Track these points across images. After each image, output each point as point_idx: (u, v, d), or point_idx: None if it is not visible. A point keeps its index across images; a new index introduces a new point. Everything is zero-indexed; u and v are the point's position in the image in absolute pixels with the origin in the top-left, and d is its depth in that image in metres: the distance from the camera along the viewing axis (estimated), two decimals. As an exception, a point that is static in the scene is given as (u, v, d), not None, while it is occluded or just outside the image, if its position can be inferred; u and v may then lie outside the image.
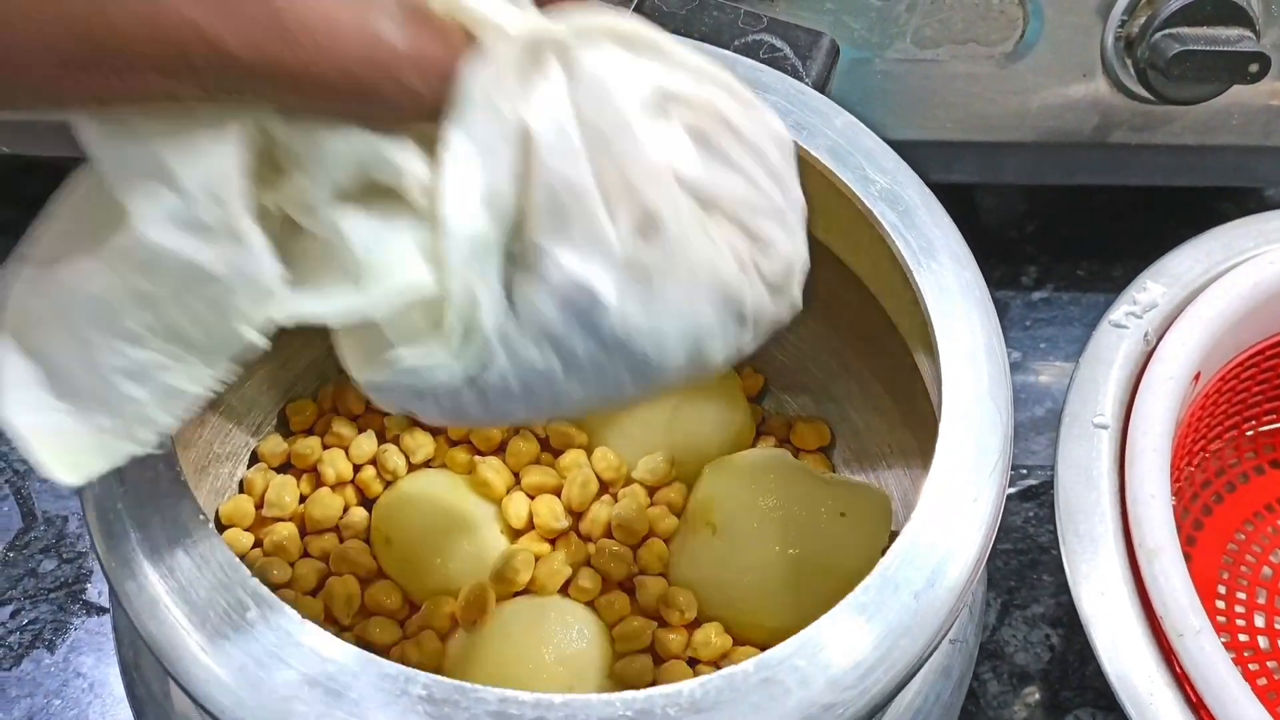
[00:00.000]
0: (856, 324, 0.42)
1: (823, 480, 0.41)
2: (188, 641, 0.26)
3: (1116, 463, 0.40)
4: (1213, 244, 0.45)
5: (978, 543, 0.29)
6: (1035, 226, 0.60)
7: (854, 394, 0.44)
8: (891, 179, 0.35)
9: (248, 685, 0.25)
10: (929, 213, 0.35)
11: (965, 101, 0.50)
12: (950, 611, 0.28)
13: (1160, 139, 0.51)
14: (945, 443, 0.30)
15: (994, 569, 0.48)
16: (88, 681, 0.44)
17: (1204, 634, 0.36)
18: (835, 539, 0.38)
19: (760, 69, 0.37)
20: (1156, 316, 0.43)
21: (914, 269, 0.33)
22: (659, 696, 0.25)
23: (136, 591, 0.27)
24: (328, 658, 0.26)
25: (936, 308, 0.33)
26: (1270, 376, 0.47)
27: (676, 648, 0.37)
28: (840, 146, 0.35)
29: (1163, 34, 0.46)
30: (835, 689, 0.26)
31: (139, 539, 0.28)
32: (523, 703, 0.25)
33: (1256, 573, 0.47)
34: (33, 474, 0.49)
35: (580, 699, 0.25)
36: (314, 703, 0.25)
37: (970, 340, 0.32)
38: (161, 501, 0.28)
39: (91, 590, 0.46)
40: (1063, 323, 0.57)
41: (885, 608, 0.27)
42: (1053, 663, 0.46)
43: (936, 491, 0.30)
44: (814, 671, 0.26)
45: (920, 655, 0.27)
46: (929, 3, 0.48)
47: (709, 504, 0.39)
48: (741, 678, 0.26)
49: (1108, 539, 0.39)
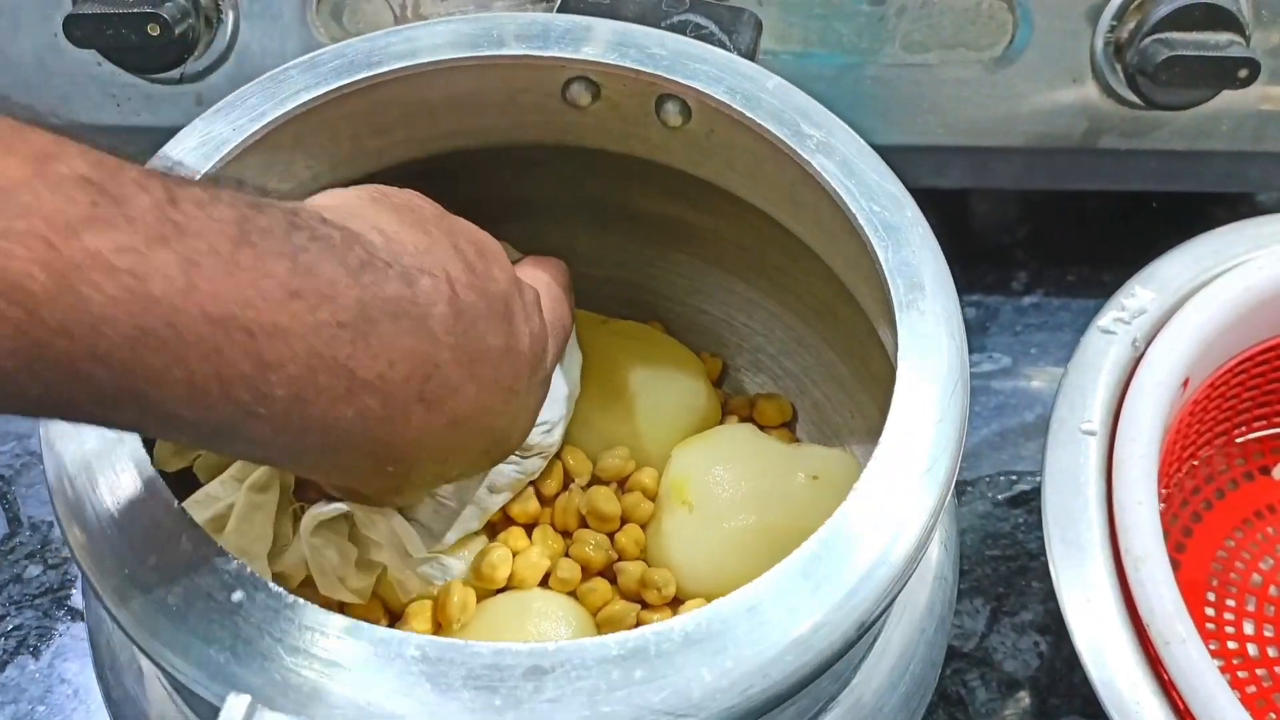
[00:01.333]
0: (806, 295, 0.43)
1: (790, 448, 0.41)
2: (170, 625, 0.26)
3: (1104, 469, 0.40)
4: (1202, 249, 0.45)
5: (920, 522, 0.29)
6: (1026, 232, 0.60)
7: (810, 367, 0.45)
8: (827, 133, 0.35)
9: (236, 661, 0.25)
10: (862, 159, 0.35)
11: (955, 107, 0.50)
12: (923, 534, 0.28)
13: (1150, 144, 0.51)
14: (900, 399, 0.30)
15: (982, 575, 0.48)
16: (72, 687, 0.44)
17: (1190, 642, 0.36)
18: (808, 502, 0.39)
19: (691, 43, 0.38)
20: (1145, 322, 0.43)
21: (859, 216, 0.34)
22: (651, 634, 0.26)
23: (109, 581, 0.27)
24: (316, 627, 0.26)
25: (883, 250, 0.33)
26: (1260, 382, 0.47)
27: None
28: (774, 107, 0.36)
29: (1152, 39, 0.46)
30: (823, 608, 0.27)
31: (118, 540, 0.27)
32: (518, 652, 0.25)
33: (1246, 579, 0.47)
34: (17, 479, 0.49)
35: (574, 644, 0.25)
36: (309, 673, 0.25)
37: (924, 280, 0.32)
38: (136, 503, 0.28)
39: (76, 597, 0.46)
40: (1053, 328, 0.57)
41: (866, 540, 0.28)
42: (1041, 670, 0.46)
43: (892, 442, 0.30)
44: (801, 600, 0.27)
45: (900, 581, 0.28)
46: (918, 7, 0.47)
47: (683, 483, 0.40)
48: (729, 609, 0.26)
49: (1094, 546, 0.39)
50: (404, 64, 0.36)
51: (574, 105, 0.38)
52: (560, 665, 0.25)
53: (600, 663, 0.25)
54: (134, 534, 0.27)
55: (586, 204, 0.44)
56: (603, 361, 0.43)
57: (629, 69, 0.37)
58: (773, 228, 0.39)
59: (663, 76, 0.36)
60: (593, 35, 0.37)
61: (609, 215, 0.45)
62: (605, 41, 0.37)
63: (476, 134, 0.40)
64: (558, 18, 0.38)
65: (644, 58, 0.37)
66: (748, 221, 0.40)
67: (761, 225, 0.40)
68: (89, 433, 0.29)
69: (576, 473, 0.42)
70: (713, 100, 0.36)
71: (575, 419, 0.41)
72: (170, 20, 0.44)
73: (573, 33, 0.37)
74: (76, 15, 0.44)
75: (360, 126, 0.38)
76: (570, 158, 0.41)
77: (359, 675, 0.25)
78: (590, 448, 0.42)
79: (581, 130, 0.40)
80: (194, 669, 0.25)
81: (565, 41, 0.37)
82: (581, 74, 0.37)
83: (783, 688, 0.26)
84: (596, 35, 0.37)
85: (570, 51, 0.37)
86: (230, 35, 0.48)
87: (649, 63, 0.37)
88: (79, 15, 0.44)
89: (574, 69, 0.37)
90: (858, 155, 0.35)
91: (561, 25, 0.38)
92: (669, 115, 0.38)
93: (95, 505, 0.28)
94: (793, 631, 0.26)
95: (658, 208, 0.44)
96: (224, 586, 0.26)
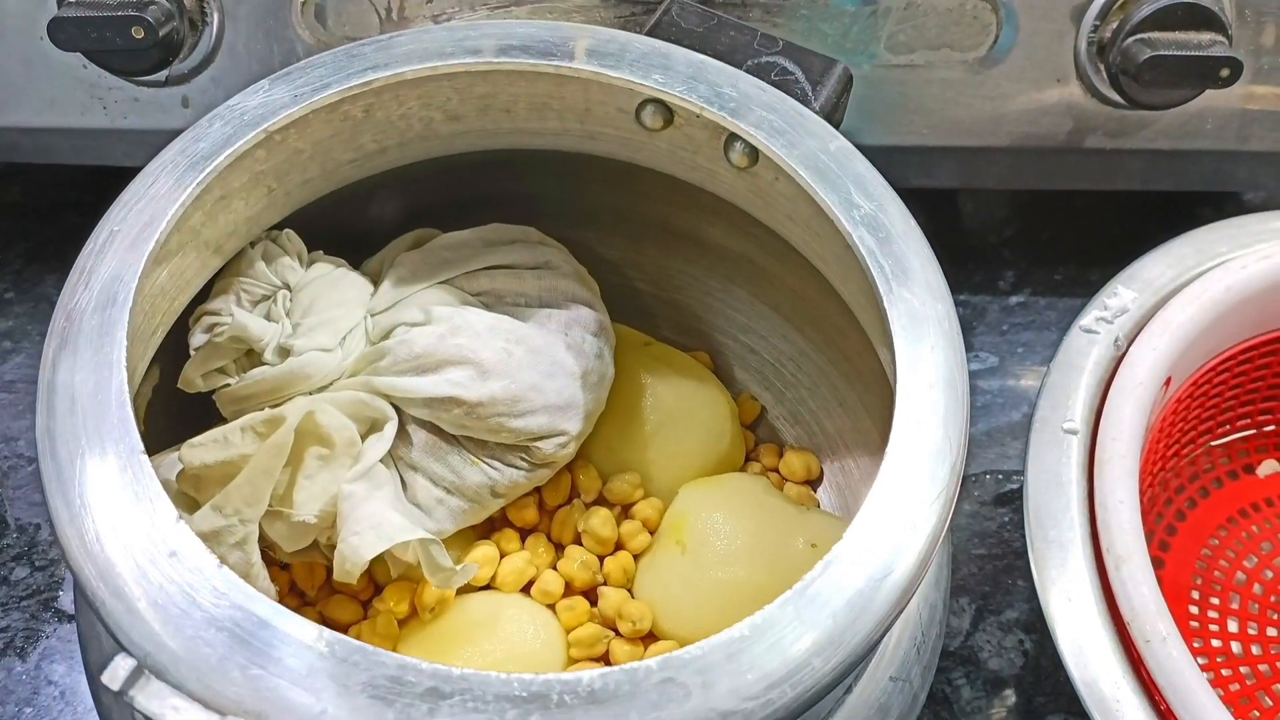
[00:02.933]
0: (858, 360, 0.41)
1: (797, 510, 0.40)
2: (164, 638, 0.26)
3: (1086, 469, 0.40)
4: (1185, 249, 0.45)
5: (908, 569, 0.28)
6: (1013, 231, 0.60)
7: (847, 430, 0.44)
8: (877, 206, 0.34)
9: (164, 621, 0.25)
10: (908, 241, 0.34)
11: (940, 107, 0.50)
12: (865, 641, 0.27)
13: (1135, 144, 0.51)
14: (886, 476, 0.29)
15: (968, 574, 0.48)
16: (59, 690, 0.44)
17: (1171, 640, 0.36)
18: (802, 569, 0.38)
19: (764, 89, 0.37)
20: (1127, 322, 0.43)
21: (884, 296, 0.33)
22: (557, 682, 0.25)
23: (98, 575, 0.27)
24: (237, 604, 0.26)
25: (901, 337, 0.32)
26: (1242, 381, 0.47)
27: (626, 660, 0.37)
28: (831, 171, 0.35)
29: (1134, 39, 0.46)
30: (736, 697, 0.26)
31: (106, 523, 0.27)
32: (421, 671, 0.25)
33: (1230, 578, 0.47)
34: (5, 481, 0.49)
35: (478, 675, 0.25)
36: (218, 645, 0.25)
37: (931, 374, 0.31)
38: (135, 498, 0.28)
39: (64, 598, 0.46)
40: (1040, 327, 0.57)
41: (801, 624, 0.27)
42: (1026, 668, 0.46)
43: (871, 520, 0.29)
44: (718, 677, 0.26)
45: (829, 675, 0.27)
46: (902, 9, 0.48)
47: (680, 523, 0.39)
48: (644, 674, 0.25)
49: (1076, 545, 0.39)
50: (473, 60, 0.36)
51: (646, 127, 0.38)
52: (460, 693, 0.25)
53: (499, 699, 0.25)
54: (131, 541, 0.27)
55: (654, 224, 0.44)
56: (635, 384, 0.42)
57: (693, 103, 0.36)
58: (829, 286, 0.39)
59: (725, 118, 0.36)
60: (669, 62, 0.37)
61: (675, 238, 0.44)
62: (678, 72, 0.36)
63: (550, 136, 0.40)
64: (636, 39, 0.37)
65: (712, 95, 0.36)
66: (810, 273, 0.39)
67: (821, 281, 0.39)
68: (86, 436, 0.29)
69: (584, 489, 0.41)
70: (768, 151, 0.35)
71: (593, 436, 0.41)
72: (154, 23, 0.44)
73: (649, 57, 0.37)
74: (61, 19, 0.44)
75: (434, 111, 0.38)
76: (641, 176, 0.40)
77: (271, 658, 0.25)
78: (603, 467, 0.42)
79: (653, 153, 0.39)
80: (124, 629, 0.25)
81: (639, 66, 0.36)
82: (650, 96, 0.37)
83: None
84: (672, 63, 0.37)
85: (640, 76, 0.36)
86: (215, 37, 0.48)
87: (716, 101, 0.36)
88: (63, 19, 0.44)
89: (641, 93, 0.37)
90: (903, 235, 0.34)
91: (642, 48, 0.37)
92: (736, 156, 0.37)
93: (91, 509, 0.28)
94: (699, 711, 0.25)
95: (725, 240, 0.43)
96: (216, 594, 0.26)
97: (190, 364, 0.37)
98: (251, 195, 0.36)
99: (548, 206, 0.43)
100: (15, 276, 0.56)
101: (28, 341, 0.54)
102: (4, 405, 0.52)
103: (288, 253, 0.38)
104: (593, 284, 0.42)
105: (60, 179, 0.59)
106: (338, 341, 0.37)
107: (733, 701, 0.25)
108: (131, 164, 0.50)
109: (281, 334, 0.37)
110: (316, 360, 0.36)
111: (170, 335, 0.36)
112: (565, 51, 0.37)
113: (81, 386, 0.29)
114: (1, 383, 0.53)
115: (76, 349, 0.29)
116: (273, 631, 0.25)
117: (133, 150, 0.51)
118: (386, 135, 0.38)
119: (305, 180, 0.37)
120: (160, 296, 0.34)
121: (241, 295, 0.37)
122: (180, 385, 0.37)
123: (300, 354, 0.36)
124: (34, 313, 0.55)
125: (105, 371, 0.29)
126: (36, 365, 0.56)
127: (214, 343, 0.36)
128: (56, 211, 0.59)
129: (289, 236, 0.38)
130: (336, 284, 0.38)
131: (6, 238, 0.58)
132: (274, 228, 0.38)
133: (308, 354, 0.36)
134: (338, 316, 0.37)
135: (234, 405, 0.37)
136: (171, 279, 0.35)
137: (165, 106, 0.49)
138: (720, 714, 0.25)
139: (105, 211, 0.33)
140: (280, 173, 0.36)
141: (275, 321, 0.37)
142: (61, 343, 0.30)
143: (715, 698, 0.25)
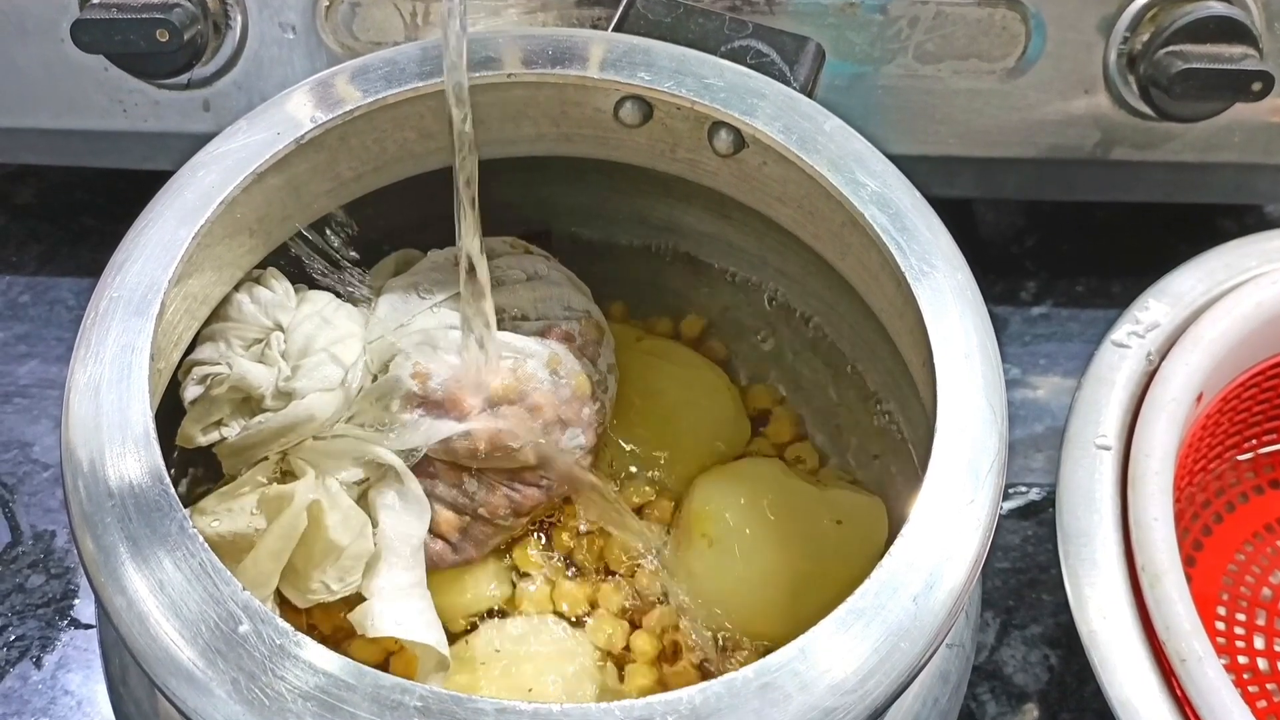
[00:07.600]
0: (848, 331, 0.42)
1: (817, 489, 0.40)
2: (179, 656, 0.26)
3: (1119, 484, 0.40)
4: (1215, 263, 0.45)
5: (975, 545, 0.29)
6: (1035, 242, 0.60)
7: (853, 402, 0.44)
8: (882, 183, 0.35)
9: (241, 699, 0.25)
10: (917, 215, 0.34)
11: (966, 117, 0.49)
12: (949, 614, 0.28)
13: (1161, 156, 0.51)
14: (941, 445, 0.30)
15: (992, 588, 0.48)
16: (75, 699, 0.44)
17: (1207, 660, 0.35)
18: (831, 547, 0.38)
19: (749, 75, 0.37)
20: (1159, 336, 0.43)
21: (907, 273, 0.33)
22: (659, 704, 0.25)
23: (126, 606, 0.27)
24: (321, 669, 0.25)
25: (930, 312, 0.32)
26: (1271, 397, 0.47)
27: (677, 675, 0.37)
28: (831, 152, 0.35)
29: (1166, 51, 0.46)
30: (835, 693, 0.26)
31: (129, 552, 0.27)
32: (521, 712, 0.25)
33: (1256, 594, 0.46)
34: (20, 488, 0.49)
35: (579, 708, 0.25)
36: (308, 715, 0.25)
37: (965, 343, 0.32)
38: (151, 515, 0.28)
39: (79, 606, 0.46)
40: (1062, 339, 0.56)
41: (884, 611, 0.27)
42: (1051, 683, 0.46)
43: (933, 494, 0.29)
44: (814, 676, 0.26)
45: (919, 658, 0.27)
46: (931, 18, 0.47)
47: (704, 517, 0.39)
48: (741, 684, 0.26)
49: (1110, 562, 0.38)
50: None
51: (624, 124, 0.38)
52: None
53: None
54: (148, 553, 0.27)
55: (630, 215, 0.44)
56: (636, 383, 0.42)
57: (685, 99, 0.36)
58: (815, 258, 0.39)
59: (719, 110, 0.36)
60: (651, 59, 0.37)
61: (651, 228, 0.45)
62: (662, 68, 0.36)
63: (524, 143, 0.39)
64: (616, 37, 0.37)
65: (700, 88, 0.36)
66: (795, 249, 0.39)
67: (807, 257, 0.39)
68: (106, 445, 0.29)
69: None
70: (768, 139, 0.35)
71: (606, 441, 0.41)
72: (179, 26, 0.44)
73: (630, 55, 0.37)
74: (84, 20, 0.44)
75: (408, 131, 0.37)
76: (616, 172, 0.40)
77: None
78: (618, 468, 0.42)
79: (632, 149, 0.39)
80: (193, 704, 0.25)
81: (622, 65, 0.36)
82: (635, 94, 0.37)
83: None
84: (655, 60, 0.37)
85: (626, 76, 0.36)
86: (238, 41, 0.47)
87: (705, 94, 0.36)
88: (87, 20, 0.44)
89: (628, 92, 0.37)
90: (912, 209, 0.34)
91: (620, 46, 0.37)
92: (720, 143, 0.37)
93: (112, 522, 0.28)
94: (803, 710, 0.25)
95: (699, 224, 0.44)
96: (231, 618, 0.26)
97: (187, 420, 0.35)
98: (234, 241, 0.35)
99: (525, 210, 0.43)
100: (30, 280, 0.56)
101: (42, 345, 0.53)
102: (19, 410, 0.51)
103: (275, 292, 0.37)
104: (584, 288, 0.41)
105: (74, 181, 0.59)
106: (340, 379, 0.36)
107: (833, 698, 0.26)
108: (152, 167, 0.49)
109: (280, 377, 0.35)
110: (320, 401, 0.35)
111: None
112: (548, 57, 0.36)
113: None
114: (16, 387, 0.52)
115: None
116: (360, 693, 0.25)
117: (153, 153, 0.50)
118: (362, 161, 0.37)
119: (284, 217, 0.36)
120: (156, 356, 0.34)
121: (233, 341, 0.36)
122: (179, 443, 0.36)
123: (303, 396, 0.35)
124: (49, 317, 0.55)
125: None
126: (51, 369, 0.56)
127: (210, 395, 0.35)
128: (71, 214, 0.58)
129: (274, 274, 0.37)
130: (330, 319, 0.37)
131: (20, 240, 0.57)
132: (256, 266, 0.37)
133: (311, 395, 0.35)
134: (337, 353, 0.36)
135: (235, 456, 0.36)
136: (164, 335, 0.34)
137: (186, 110, 0.49)
138: (823, 711, 0.25)
139: (119, 214, 0.33)
140: (260, 214, 0.35)
141: (270, 365, 0.36)
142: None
143: (815, 696, 0.25)
